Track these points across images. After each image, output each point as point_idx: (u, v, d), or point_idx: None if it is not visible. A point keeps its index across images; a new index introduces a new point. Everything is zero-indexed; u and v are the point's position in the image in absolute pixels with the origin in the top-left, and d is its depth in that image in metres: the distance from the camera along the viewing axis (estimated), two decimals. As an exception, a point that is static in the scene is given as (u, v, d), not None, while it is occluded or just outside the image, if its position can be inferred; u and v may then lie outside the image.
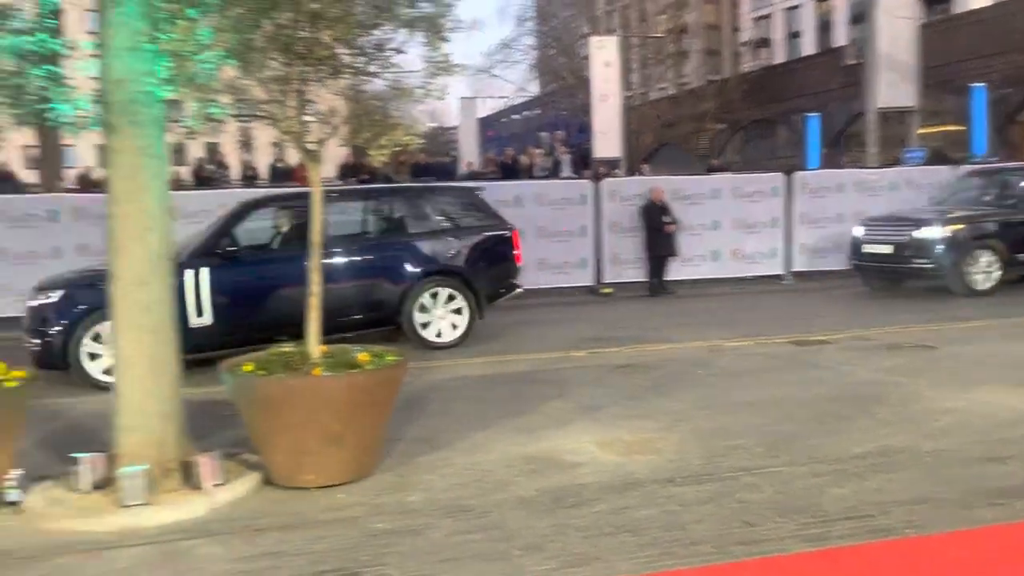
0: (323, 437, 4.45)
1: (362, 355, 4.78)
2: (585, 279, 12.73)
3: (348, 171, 15.10)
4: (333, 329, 6.35)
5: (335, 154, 10.89)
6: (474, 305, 8.79)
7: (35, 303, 7.62)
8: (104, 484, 4.35)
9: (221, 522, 4.10)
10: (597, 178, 13.76)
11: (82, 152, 25.07)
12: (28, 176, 19.92)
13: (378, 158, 4.90)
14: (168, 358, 4.59)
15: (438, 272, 8.82)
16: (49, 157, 15.63)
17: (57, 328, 7.38)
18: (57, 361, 7.44)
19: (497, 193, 12.68)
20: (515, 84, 38.11)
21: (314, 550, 3.72)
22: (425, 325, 8.60)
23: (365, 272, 8.53)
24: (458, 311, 8.74)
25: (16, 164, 22.29)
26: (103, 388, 7.06)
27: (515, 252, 9.46)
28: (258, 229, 8.70)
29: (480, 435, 5.39)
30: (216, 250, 8.01)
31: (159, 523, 4.08)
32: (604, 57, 19.26)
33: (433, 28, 4.24)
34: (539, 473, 4.64)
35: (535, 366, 7.52)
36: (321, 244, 4.90)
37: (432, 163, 16.29)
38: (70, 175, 17.87)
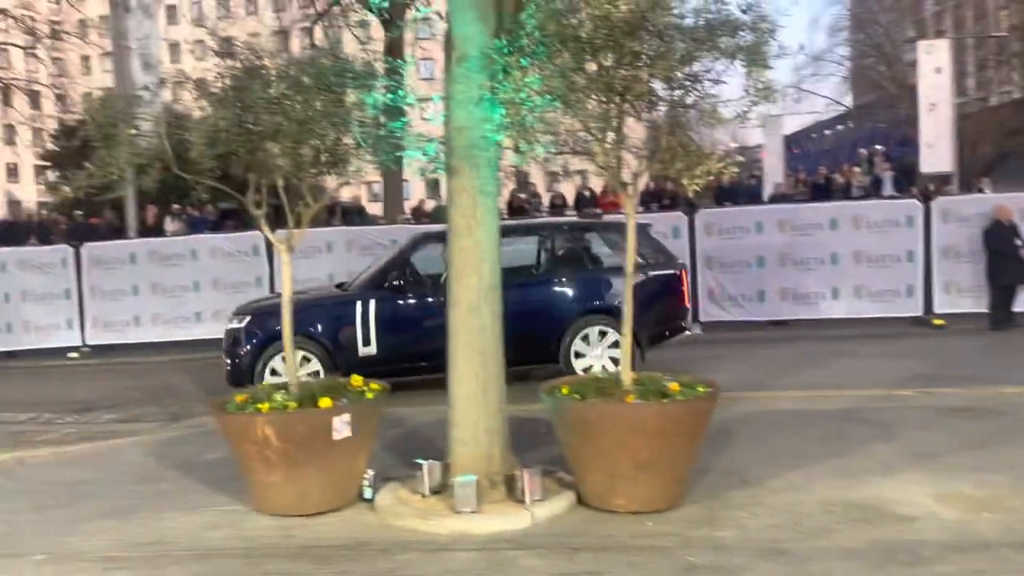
0: (634, 463, 4.54)
1: (673, 384, 4.80)
2: (911, 309, 11.56)
3: (650, 197, 15.26)
4: None
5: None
6: (634, 346, 8.46)
7: (230, 326, 8.51)
8: (440, 489, 4.83)
9: (541, 536, 4.35)
10: (925, 196, 12.47)
11: (415, 186, 28.17)
12: (372, 209, 22.87)
13: (691, 188, 4.89)
14: (495, 377, 4.98)
15: (597, 311, 8.53)
16: (391, 192, 17.79)
17: (243, 351, 8.19)
18: (244, 381, 8.12)
19: (808, 216, 12.08)
20: (826, 98, 35.91)
21: None
22: (581, 364, 8.46)
23: (524, 308, 8.33)
24: (617, 352, 8.41)
25: (363, 198, 25.62)
26: None
27: (682, 293, 8.86)
28: (429, 263, 8.86)
29: (795, 474, 5.13)
30: (384, 283, 8.44)
31: (487, 531, 4.43)
32: (933, 62, 17.44)
33: (754, 56, 4.17)
34: (865, 522, 4.30)
35: (855, 403, 6.97)
36: (632, 275, 5.01)
37: (735, 185, 15.81)
38: (406, 207, 20.13)
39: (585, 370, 8.34)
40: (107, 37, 21.15)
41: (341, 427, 4.79)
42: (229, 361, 8.34)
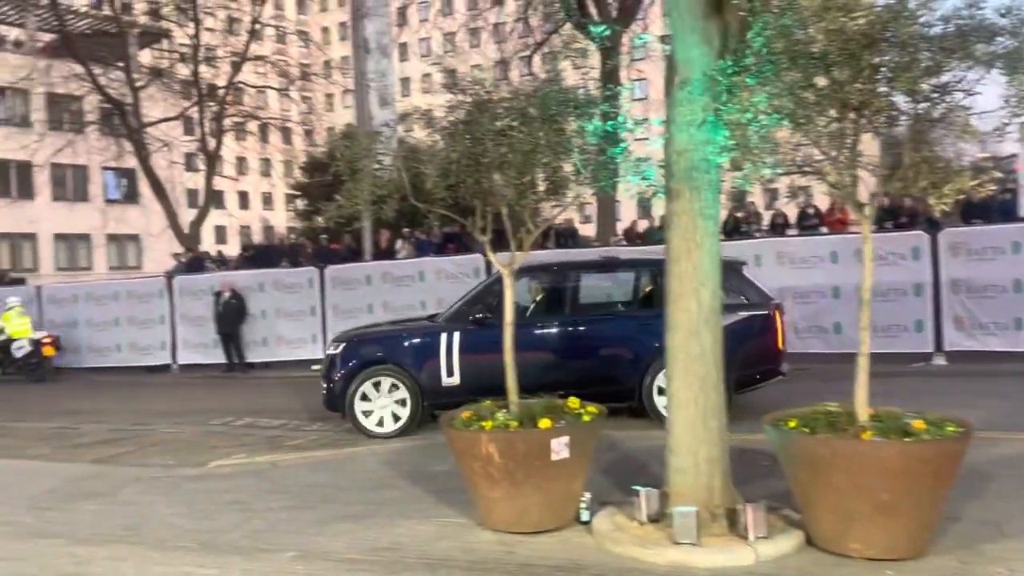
0: (872, 505, 4.21)
1: (917, 422, 4.40)
2: None
3: (885, 215, 14.17)
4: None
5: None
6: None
7: (328, 352, 8.92)
8: (658, 518, 4.75)
9: (766, 576, 4.15)
10: None
11: (626, 207, 28.19)
12: (584, 231, 23.17)
13: (939, 207, 4.49)
14: (716, 405, 4.84)
15: None
16: (604, 214, 17.92)
17: (337, 376, 8.53)
18: (337, 405, 8.58)
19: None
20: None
21: (866, 628, 3.52)
22: (664, 402, 7.90)
23: (604, 344, 8.26)
24: None
25: (575, 220, 26.00)
26: (372, 435, 8.27)
27: (775, 334, 8.25)
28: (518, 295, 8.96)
29: (1067, 530, 4.51)
30: (468, 316, 8.53)
31: (707, 566, 4.29)
32: None
33: (1016, 64, 3.76)
34: None
35: None
36: (868, 301, 4.67)
37: (987, 201, 14.22)
38: (618, 228, 20.18)
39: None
40: (349, 76, 23.25)
41: (559, 448, 4.87)
42: (325, 385, 8.83)
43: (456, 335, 8.47)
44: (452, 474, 5.65)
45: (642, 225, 18.92)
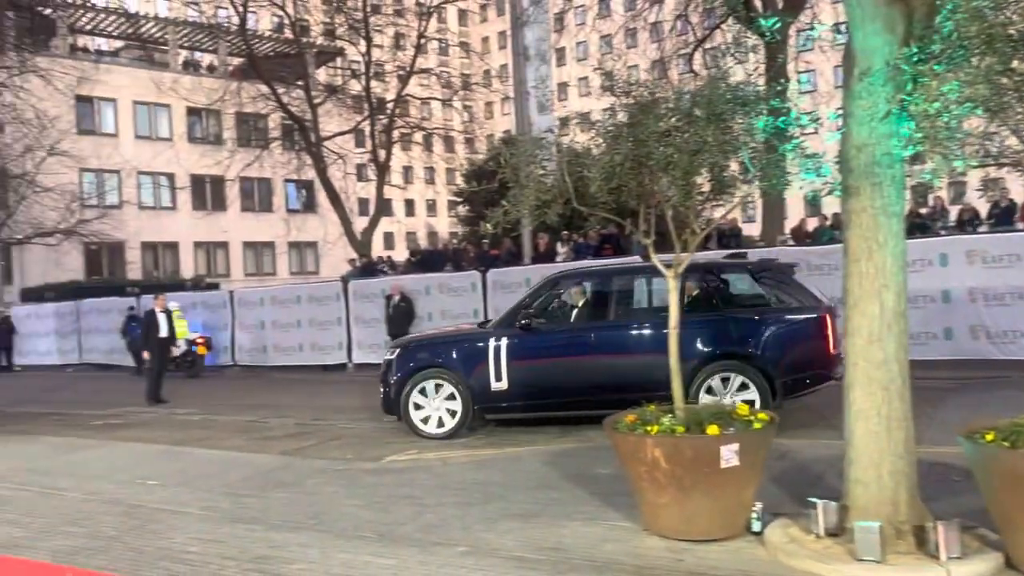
0: (1086, 530, 3.81)
1: None
2: None
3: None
4: (610, 404, 6.22)
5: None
6: (767, 394, 7.97)
7: (385, 358, 9.29)
8: (837, 532, 4.52)
9: (961, 601, 3.84)
10: None
11: (792, 205, 26.90)
12: (747, 230, 22.35)
13: None
14: (902, 415, 4.53)
15: (728, 355, 8.14)
16: (770, 212, 17.24)
17: (392, 380, 8.73)
18: (392, 409, 8.80)
19: None
20: None
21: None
22: None
23: (650, 348, 7.98)
24: (750, 399, 7.80)
25: (738, 220, 25.09)
26: (424, 436, 8.55)
27: (826, 338, 8.06)
28: (564, 301, 9.29)
29: None
30: (515, 323, 8.69)
31: (893, 585, 4.04)
32: None
33: None
34: None
35: None
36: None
37: None
38: (785, 227, 19.33)
39: None
40: (508, 84, 23.74)
41: (728, 456, 4.75)
42: (382, 389, 9.09)
43: (504, 341, 8.65)
44: (615, 477, 5.63)
45: (811, 224, 18.02)
